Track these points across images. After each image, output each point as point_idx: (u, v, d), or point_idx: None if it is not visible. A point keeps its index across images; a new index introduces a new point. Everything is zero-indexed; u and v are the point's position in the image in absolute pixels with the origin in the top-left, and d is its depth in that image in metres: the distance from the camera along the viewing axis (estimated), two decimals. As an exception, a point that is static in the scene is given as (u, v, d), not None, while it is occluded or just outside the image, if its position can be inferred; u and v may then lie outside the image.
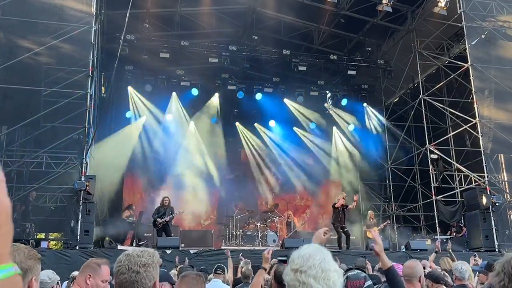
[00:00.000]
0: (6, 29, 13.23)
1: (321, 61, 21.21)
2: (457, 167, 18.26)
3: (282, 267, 4.30)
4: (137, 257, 2.14)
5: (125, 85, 19.90)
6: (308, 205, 22.36)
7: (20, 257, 2.00)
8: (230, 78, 21.06)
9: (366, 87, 22.31)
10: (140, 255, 2.15)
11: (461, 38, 18.06)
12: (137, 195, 19.97)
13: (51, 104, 12.93)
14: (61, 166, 13.20)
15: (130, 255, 2.15)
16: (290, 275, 1.93)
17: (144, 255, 2.15)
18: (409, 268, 4.40)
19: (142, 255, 2.16)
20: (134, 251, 2.18)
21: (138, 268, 2.10)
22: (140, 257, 2.14)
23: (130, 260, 2.13)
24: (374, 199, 22.13)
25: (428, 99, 18.56)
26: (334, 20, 19.68)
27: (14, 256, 1.97)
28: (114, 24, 17.26)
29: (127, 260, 2.13)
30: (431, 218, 18.29)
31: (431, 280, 5.43)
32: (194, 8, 18.77)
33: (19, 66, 12.76)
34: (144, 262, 2.13)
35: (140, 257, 2.14)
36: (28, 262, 2.02)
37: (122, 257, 2.17)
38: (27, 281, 2.01)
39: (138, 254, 2.16)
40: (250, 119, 22.15)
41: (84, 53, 13.62)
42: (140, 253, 2.17)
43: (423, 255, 13.16)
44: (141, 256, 2.15)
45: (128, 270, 2.10)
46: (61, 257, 11.27)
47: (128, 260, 2.13)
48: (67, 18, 13.67)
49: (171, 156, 20.04)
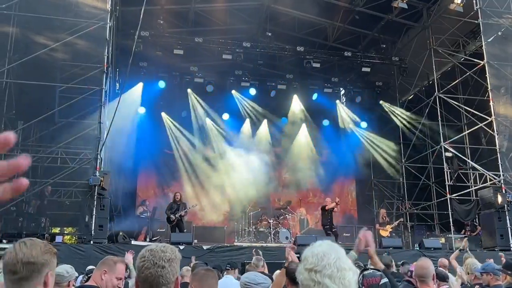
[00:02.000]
0: (22, 25, 13.34)
1: (335, 58, 21.10)
2: (472, 166, 18.06)
3: (295, 264, 4.29)
4: (161, 252, 2.16)
5: (139, 81, 19.98)
6: (320, 203, 22.27)
7: (36, 251, 2.01)
8: (243, 74, 21.06)
9: (381, 84, 22.16)
10: (164, 250, 2.18)
11: (477, 35, 17.84)
12: (150, 190, 20.10)
13: (66, 100, 13.04)
14: (76, 161, 13.31)
15: (154, 250, 2.17)
16: (304, 274, 1.89)
17: (167, 250, 2.18)
18: (422, 268, 4.34)
19: (166, 250, 2.18)
20: (157, 247, 2.20)
21: (163, 263, 2.13)
22: (164, 252, 2.17)
23: (154, 255, 2.14)
24: (387, 197, 22.01)
25: (443, 96, 18.39)
26: (348, 17, 19.56)
27: (31, 250, 2.00)
28: (128, 20, 17.34)
29: (151, 255, 2.15)
30: (445, 216, 18.13)
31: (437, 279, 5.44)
32: (208, 5, 18.78)
33: (35, 62, 12.86)
34: (168, 257, 2.15)
35: (164, 252, 2.17)
36: (44, 256, 2.03)
37: (146, 252, 2.18)
38: (43, 275, 2.02)
39: (161, 249, 2.18)
40: (262, 116, 22.12)
41: (99, 49, 13.67)
42: (164, 248, 2.19)
43: (437, 253, 13.08)
44: (165, 251, 2.17)
45: (154, 265, 2.12)
46: (76, 251, 11.37)
47: (153, 255, 2.14)
48: (82, 14, 13.75)
49: (185, 152, 20.10)
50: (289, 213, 18.60)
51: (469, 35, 19.14)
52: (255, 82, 21.23)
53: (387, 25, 19.79)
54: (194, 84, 20.65)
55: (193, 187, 19.72)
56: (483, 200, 15.92)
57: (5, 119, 13.48)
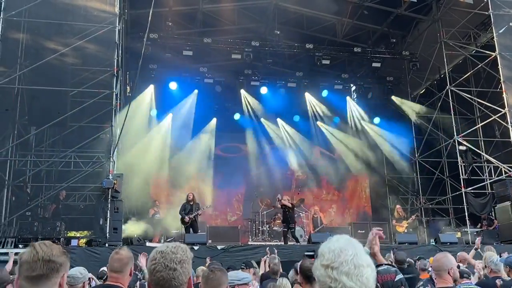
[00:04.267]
0: (32, 31, 13.43)
1: (345, 54, 21.00)
2: (487, 158, 17.86)
3: (309, 261, 4.28)
4: (172, 254, 2.13)
5: (150, 84, 20.08)
6: (334, 200, 22.23)
7: (56, 251, 2.07)
8: (253, 74, 21.05)
9: (392, 79, 22.02)
10: (175, 251, 2.14)
11: (488, 27, 17.65)
12: (163, 192, 20.14)
13: (77, 104, 13.10)
14: (89, 165, 13.37)
15: (164, 252, 2.14)
16: (320, 270, 1.85)
17: (178, 252, 2.14)
18: (436, 261, 4.30)
19: (177, 251, 2.14)
20: (168, 248, 2.16)
21: (174, 265, 2.09)
22: (175, 253, 2.13)
23: (165, 258, 2.11)
24: (402, 193, 21.86)
25: (455, 89, 18.21)
26: (357, 12, 19.48)
27: (51, 249, 2.06)
28: (137, 23, 17.43)
29: (162, 258, 2.11)
30: (461, 210, 17.96)
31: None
32: (216, 5, 18.80)
33: (46, 68, 12.93)
34: (179, 259, 2.12)
35: (175, 253, 2.13)
36: (62, 257, 2.09)
37: (156, 254, 2.15)
38: (60, 276, 2.07)
39: (172, 251, 2.14)
40: (274, 114, 22.11)
41: (108, 53, 13.72)
42: (174, 250, 2.15)
43: (453, 248, 12.95)
44: (175, 252, 2.13)
45: (165, 267, 2.09)
46: (91, 254, 11.42)
47: (164, 258, 2.11)
48: (91, 18, 13.81)
49: (197, 152, 20.14)
50: (302, 211, 18.54)
51: (480, 27, 18.93)
52: (265, 81, 21.23)
53: (396, 20, 19.67)
54: (204, 84, 20.69)
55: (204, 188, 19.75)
56: (499, 193, 15.76)
57: (18, 125, 13.58)
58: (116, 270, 3.42)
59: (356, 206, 22.46)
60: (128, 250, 3.62)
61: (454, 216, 20.11)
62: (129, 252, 3.55)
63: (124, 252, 3.53)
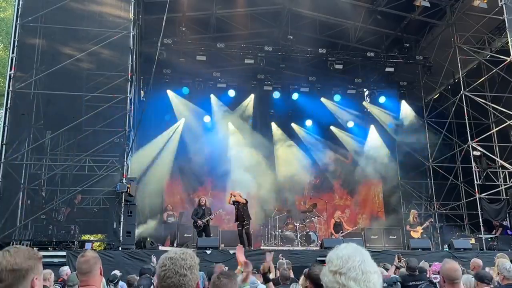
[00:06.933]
0: (49, 37, 13.62)
1: (358, 58, 20.97)
2: (501, 164, 17.70)
3: (318, 267, 4.29)
4: (181, 260, 2.16)
5: (163, 89, 20.24)
6: (347, 205, 22.15)
7: (19, 258, 2.06)
8: (266, 78, 21.12)
9: (405, 84, 21.94)
10: (184, 257, 2.18)
11: (503, 31, 17.54)
12: (176, 196, 20.25)
13: (92, 108, 13.24)
14: (103, 169, 13.50)
15: (173, 259, 2.17)
16: (328, 276, 1.89)
17: (187, 258, 2.18)
18: (455, 270, 4.21)
19: (186, 257, 2.18)
20: (176, 254, 2.20)
21: (185, 271, 2.13)
22: (185, 260, 2.16)
23: (175, 264, 2.15)
24: (415, 198, 21.72)
25: (469, 94, 18.08)
26: (370, 17, 19.45)
27: (15, 258, 2.05)
28: (151, 28, 17.59)
29: (172, 264, 2.15)
30: (475, 216, 17.80)
31: (477, 279, 5.49)
32: (229, 10, 18.92)
33: (61, 73, 13.11)
34: (189, 265, 2.16)
35: (185, 260, 2.16)
36: (28, 262, 2.07)
37: (166, 261, 2.18)
38: (29, 281, 2.06)
39: (181, 257, 2.18)
40: (287, 119, 22.13)
41: (123, 58, 13.86)
42: (183, 256, 2.19)
43: (467, 254, 12.86)
44: (185, 259, 2.17)
45: (175, 273, 2.12)
46: (105, 257, 11.52)
47: (173, 264, 2.15)
48: (106, 24, 13.97)
49: (210, 157, 20.21)
50: (315, 216, 18.51)
51: (494, 32, 18.81)
52: (277, 86, 21.29)
53: (410, 24, 19.62)
54: (217, 89, 20.82)
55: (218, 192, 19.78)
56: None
57: (34, 129, 13.78)
58: (86, 272, 3.49)
59: (370, 211, 22.35)
60: (92, 252, 3.76)
61: (469, 222, 19.94)
62: (94, 253, 3.65)
63: (89, 253, 3.62)
